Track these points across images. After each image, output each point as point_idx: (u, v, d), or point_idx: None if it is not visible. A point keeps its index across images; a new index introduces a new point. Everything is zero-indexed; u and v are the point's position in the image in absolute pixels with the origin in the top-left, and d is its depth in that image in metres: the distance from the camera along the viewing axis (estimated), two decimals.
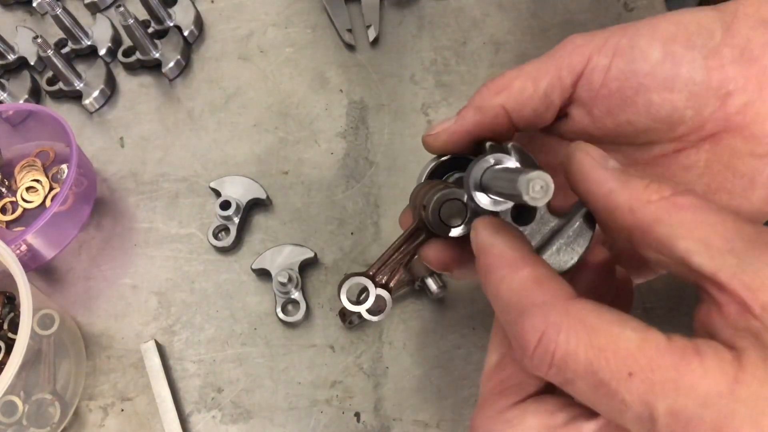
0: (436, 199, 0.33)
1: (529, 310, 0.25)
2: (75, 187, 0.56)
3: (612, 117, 0.34)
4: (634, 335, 0.24)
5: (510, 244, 0.28)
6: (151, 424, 0.50)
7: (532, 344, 0.25)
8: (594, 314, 0.24)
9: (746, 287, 0.24)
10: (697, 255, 0.25)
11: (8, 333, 0.52)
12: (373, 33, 0.64)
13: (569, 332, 0.24)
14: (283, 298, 0.52)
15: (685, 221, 0.25)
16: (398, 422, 0.48)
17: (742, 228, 0.25)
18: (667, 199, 0.26)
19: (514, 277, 0.27)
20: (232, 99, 0.63)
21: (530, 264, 0.27)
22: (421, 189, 0.37)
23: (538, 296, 0.26)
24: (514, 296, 0.27)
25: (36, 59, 0.67)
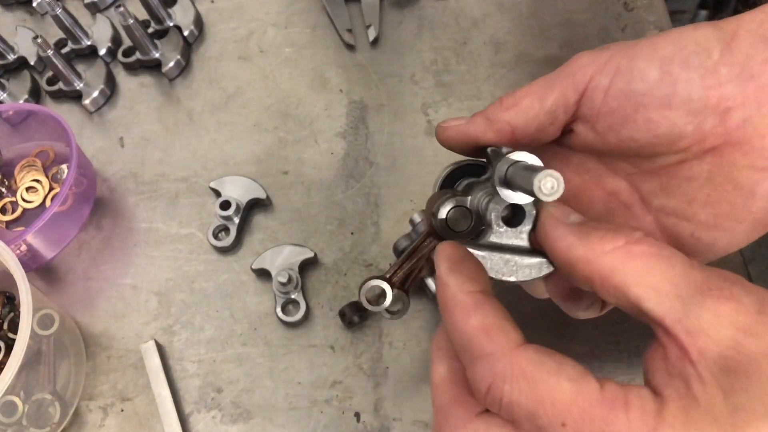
0: (441, 207, 0.35)
1: (479, 359, 0.28)
2: (75, 187, 0.56)
3: (614, 133, 0.35)
4: (569, 386, 0.26)
5: (463, 286, 0.30)
6: (151, 424, 0.50)
7: (483, 390, 0.28)
8: (535, 365, 0.27)
9: (687, 332, 0.26)
10: (646, 301, 0.27)
11: (8, 333, 0.52)
12: (373, 33, 0.64)
13: (512, 383, 0.27)
14: (283, 298, 0.52)
15: (637, 269, 0.28)
16: (398, 422, 0.48)
17: (691, 273, 0.27)
18: (621, 248, 0.28)
19: (465, 322, 0.29)
20: (232, 99, 0.63)
21: (480, 310, 0.29)
22: (433, 197, 0.39)
23: (486, 346, 0.28)
24: (465, 341, 0.29)
25: (36, 59, 0.67)
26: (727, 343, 0.26)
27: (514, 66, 0.61)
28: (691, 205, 0.36)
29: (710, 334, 0.26)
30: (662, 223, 0.37)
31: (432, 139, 0.59)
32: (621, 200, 0.39)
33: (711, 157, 0.35)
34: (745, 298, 0.26)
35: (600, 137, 0.36)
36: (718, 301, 0.26)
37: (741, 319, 0.26)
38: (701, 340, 0.26)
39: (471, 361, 0.29)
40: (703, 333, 0.26)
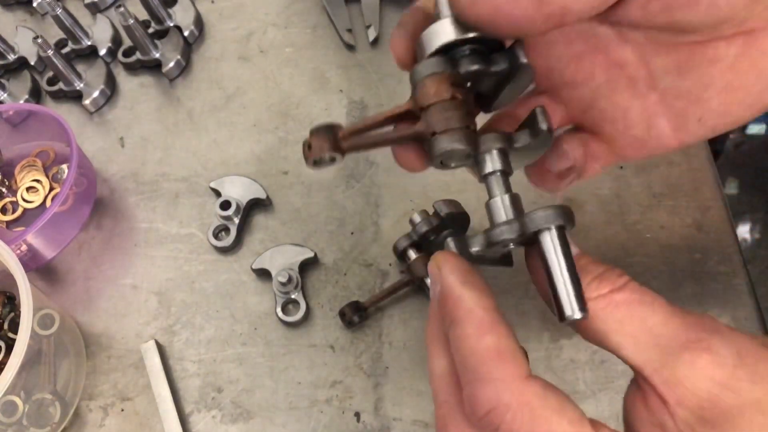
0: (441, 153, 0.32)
1: (486, 382, 0.28)
2: (75, 187, 0.56)
3: (667, 14, 0.31)
4: (568, 428, 0.27)
5: (479, 302, 0.30)
6: (151, 424, 0.50)
7: (482, 412, 0.28)
8: (540, 400, 0.27)
9: (665, 382, 0.27)
10: (625, 349, 0.28)
11: (8, 333, 0.52)
12: (373, 33, 0.64)
13: (515, 415, 0.27)
14: (283, 298, 0.52)
15: (617, 317, 0.28)
16: (398, 422, 0.48)
17: (671, 323, 0.28)
18: (605, 296, 0.29)
19: (478, 340, 0.29)
20: (232, 99, 0.63)
21: (495, 331, 0.29)
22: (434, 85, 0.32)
23: (496, 371, 0.28)
24: (475, 359, 0.28)
25: (36, 59, 0.67)
26: (704, 395, 0.26)
27: None
28: (707, 90, 0.33)
29: (687, 386, 0.27)
30: (668, 104, 0.35)
31: None
32: (626, 73, 0.35)
33: (742, 40, 0.32)
34: (723, 350, 0.27)
35: (647, 15, 0.32)
36: (696, 353, 0.27)
37: (718, 372, 0.27)
38: (679, 391, 0.27)
39: (475, 381, 0.28)
40: (681, 385, 0.27)
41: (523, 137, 0.33)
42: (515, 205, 0.32)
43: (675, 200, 0.54)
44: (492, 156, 0.32)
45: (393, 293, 0.51)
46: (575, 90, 0.37)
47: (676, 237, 0.52)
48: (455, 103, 0.31)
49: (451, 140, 0.31)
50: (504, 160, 0.32)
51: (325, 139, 0.33)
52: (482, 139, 0.32)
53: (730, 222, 0.53)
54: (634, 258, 0.52)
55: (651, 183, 0.54)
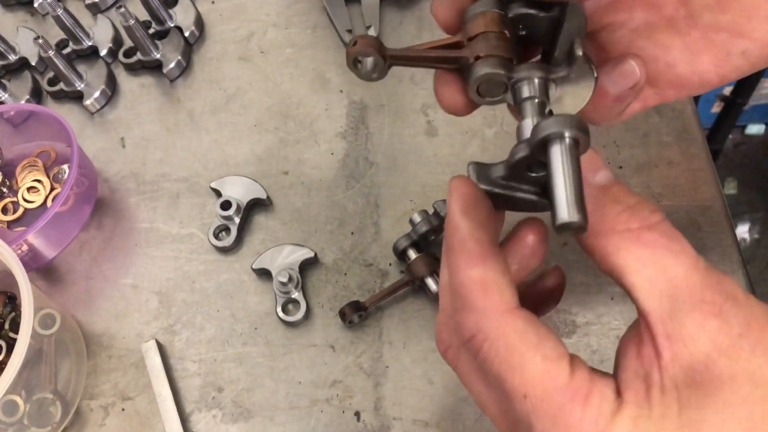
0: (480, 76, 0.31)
1: (470, 311, 0.29)
2: (76, 188, 0.56)
3: None
4: (541, 364, 0.27)
5: (473, 233, 0.30)
6: (152, 424, 0.50)
7: (465, 337, 0.29)
8: (518, 334, 0.28)
9: (666, 335, 0.26)
10: (638, 291, 0.27)
11: (9, 333, 0.52)
12: (373, 33, 0.64)
13: (491, 345, 0.28)
14: (283, 298, 0.52)
15: (640, 257, 0.28)
16: (398, 421, 0.48)
17: (691, 277, 0.27)
18: (633, 231, 0.28)
19: (466, 270, 0.29)
20: (232, 99, 0.63)
21: (483, 264, 0.29)
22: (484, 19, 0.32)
23: (479, 301, 0.29)
24: (463, 289, 0.29)
25: (37, 60, 0.67)
26: (700, 357, 0.26)
27: None
28: (750, 21, 0.33)
29: (687, 344, 0.26)
30: (711, 39, 0.34)
31: (432, 139, 0.59)
32: (665, 14, 0.35)
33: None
34: (733, 318, 0.26)
35: None
36: (705, 315, 0.26)
37: (721, 338, 0.26)
38: (677, 347, 0.26)
39: (462, 309, 0.29)
40: (681, 341, 0.26)
41: (561, 68, 0.32)
42: None
43: (674, 200, 0.54)
44: (531, 83, 0.32)
45: (393, 293, 0.51)
46: (614, 33, 0.36)
47: None
48: (503, 35, 0.32)
49: (492, 65, 0.31)
50: (542, 89, 0.32)
51: (372, 40, 0.32)
52: (520, 67, 0.32)
53: (729, 221, 0.53)
54: None
55: (650, 183, 0.54)
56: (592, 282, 0.51)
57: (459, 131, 0.59)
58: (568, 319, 0.50)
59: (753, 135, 1.72)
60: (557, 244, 0.53)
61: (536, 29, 0.33)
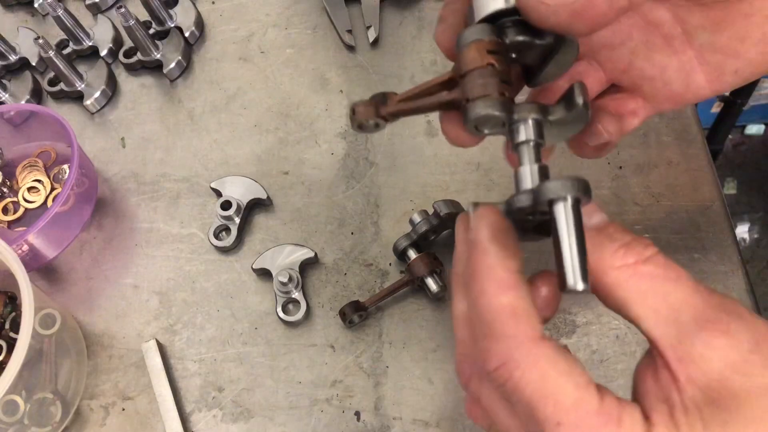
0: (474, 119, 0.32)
1: (499, 338, 0.28)
2: (76, 188, 0.56)
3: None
4: (574, 392, 0.27)
5: (502, 260, 0.30)
6: (152, 423, 0.50)
7: (492, 366, 0.28)
8: (549, 362, 0.28)
9: (679, 358, 0.27)
10: (645, 321, 0.28)
11: (10, 332, 0.52)
12: (373, 34, 0.64)
13: (524, 373, 0.28)
14: (283, 298, 0.52)
15: (641, 289, 0.29)
16: (398, 421, 0.49)
17: (693, 300, 0.28)
18: (630, 266, 0.29)
19: (496, 297, 0.29)
20: (232, 99, 0.63)
21: (513, 290, 0.29)
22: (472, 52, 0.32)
23: (510, 328, 0.28)
24: (490, 315, 0.29)
25: (37, 60, 0.67)
26: (715, 375, 0.27)
27: None
28: (743, 43, 0.34)
29: (700, 365, 0.27)
30: (705, 59, 0.36)
31: (432, 139, 0.59)
32: (662, 32, 0.37)
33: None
34: (741, 334, 0.27)
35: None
36: (713, 334, 0.27)
37: (732, 355, 0.27)
38: (691, 369, 0.27)
39: (489, 336, 0.29)
40: (694, 363, 0.27)
41: (559, 110, 0.33)
42: (542, 175, 0.32)
43: (674, 200, 0.54)
44: (526, 125, 0.32)
45: (393, 293, 0.51)
46: (613, 51, 0.38)
47: (675, 237, 0.52)
48: (492, 70, 0.31)
49: (485, 106, 0.31)
50: (537, 131, 0.32)
51: (370, 105, 0.34)
52: (517, 108, 0.32)
53: (728, 222, 0.53)
54: None
55: (650, 183, 0.54)
56: None
57: None
58: (568, 319, 0.50)
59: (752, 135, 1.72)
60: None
61: (528, 55, 0.34)
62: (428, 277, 0.50)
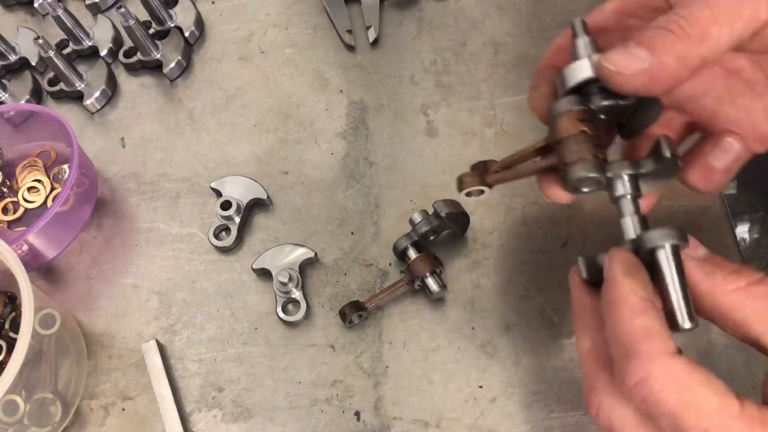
0: (574, 181, 0.35)
1: (636, 356, 0.30)
2: (76, 188, 0.56)
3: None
4: (715, 399, 0.29)
5: (635, 289, 0.32)
6: (152, 423, 0.50)
7: (631, 383, 0.30)
8: (686, 373, 0.29)
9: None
10: (766, 337, 0.30)
11: (10, 332, 0.52)
12: (373, 34, 0.64)
13: (663, 385, 0.29)
14: (283, 298, 0.52)
15: (757, 308, 0.31)
16: (398, 421, 0.49)
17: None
18: (743, 289, 0.31)
19: (631, 320, 0.31)
20: (232, 99, 0.63)
21: (645, 313, 0.31)
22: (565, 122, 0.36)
23: (644, 346, 0.30)
24: (626, 337, 0.31)
25: (37, 60, 0.67)
26: None
27: (513, 67, 0.62)
28: None
29: None
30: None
31: (432, 139, 0.59)
32: (743, 78, 0.38)
33: None
34: None
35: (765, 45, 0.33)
36: None
37: None
38: None
39: (625, 356, 0.30)
40: None
41: (650, 164, 0.35)
42: (643, 224, 0.35)
43: (674, 200, 0.54)
44: (623, 181, 0.36)
45: (393, 293, 0.51)
46: (698, 101, 0.39)
47: None
48: (585, 136, 0.35)
49: (581, 169, 0.35)
50: (633, 185, 0.36)
51: (475, 176, 0.39)
52: (611, 166, 0.35)
53: (729, 222, 0.53)
54: None
55: None
56: None
57: (459, 131, 0.59)
58: None
59: None
60: (557, 244, 0.53)
61: (616, 114, 0.36)
62: (428, 277, 0.50)
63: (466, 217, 0.52)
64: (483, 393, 0.49)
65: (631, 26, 0.39)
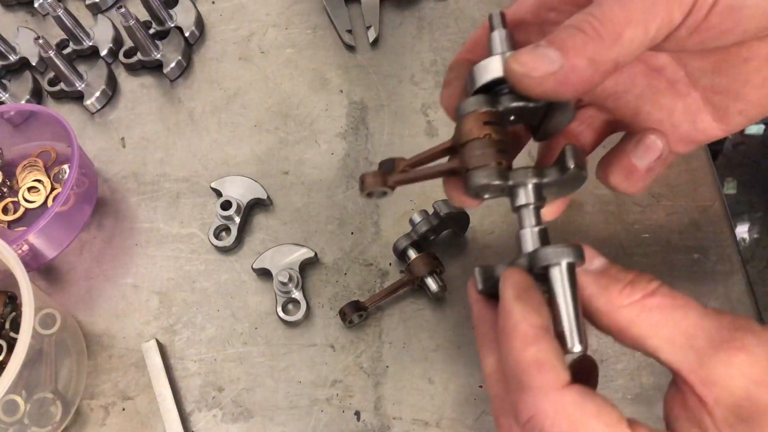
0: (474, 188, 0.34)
1: (527, 390, 0.29)
2: (76, 187, 0.56)
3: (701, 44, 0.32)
4: (606, 430, 0.28)
5: (527, 316, 0.31)
6: (152, 423, 0.50)
7: (524, 419, 0.29)
8: (577, 407, 0.29)
9: (702, 383, 0.28)
10: (663, 352, 0.29)
11: (10, 332, 0.52)
12: (373, 34, 0.64)
13: (554, 421, 0.29)
14: (283, 298, 0.52)
15: (653, 322, 0.30)
16: (398, 421, 0.49)
17: (704, 323, 0.29)
18: (638, 302, 0.30)
19: (521, 352, 0.30)
20: (232, 99, 0.63)
21: (537, 345, 0.30)
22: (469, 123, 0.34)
23: (535, 380, 0.29)
24: (518, 368, 0.30)
25: (37, 60, 0.67)
26: (741, 393, 0.27)
27: None
28: (745, 86, 0.35)
29: (724, 385, 0.28)
30: (710, 100, 0.36)
31: (432, 139, 0.59)
32: (665, 77, 0.37)
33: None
34: (757, 349, 0.28)
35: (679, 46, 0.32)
36: (730, 353, 0.28)
37: (752, 370, 0.27)
38: (716, 390, 0.28)
39: (518, 389, 0.30)
40: (718, 384, 0.28)
41: (554, 173, 0.34)
42: (542, 237, 0.34)
43: (673, 200, 0.54)
44: (526, 189, 0.34)
45: (393, 293, 0.51)
46: (619, 99, 0.38)
47: (675, 237, 0.52)
48: (489, 141, 0.33)
49: (482, 176, 0.33)
50: (536, 194, 0.34)
51: (378, 175, 0.36)
52: (514, 173, 0.34)
53: (728, 221, 0.53)
54: (632, 258, 0.52)
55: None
56: None
57: None
58: None
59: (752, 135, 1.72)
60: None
61: (526, 116, 0.35)
62: (428, 277, 0.50)
63: (466, 217, 0.52)
64: (483, 393, 0.49)
65: (551, 20, 0.36)
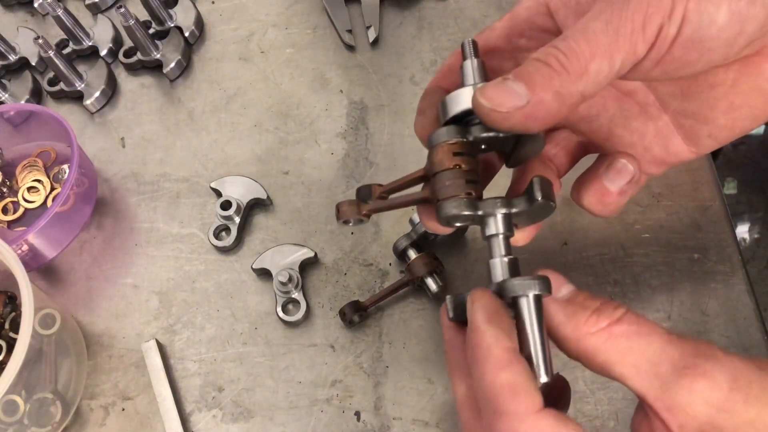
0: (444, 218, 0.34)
1: (502, 415, 0.30)
2: (76, 187, 0.56)
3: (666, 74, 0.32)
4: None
5: (498, 339, 0.31)
6: (152, 423, 0.50)
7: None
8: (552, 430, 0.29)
9: (666, 408, 0.29)
10: (629, 379, 0.30)
11: (10, 332, 0.52)
12: (373, 34, 0.64)
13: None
14: (283, 298, 0.52)
15: (619, 349, 0.30)
16: (398, 421, 0.49)
17: (668, 350, 0.30)
18: (604, 329, 0.31)
19: (496, 375, 0.30)
20: (232, 99, 0.63)
21: (511, 369, 0.30)
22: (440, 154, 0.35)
23: (510, 404, 0.29)
24: (492, 393, 0.30)
25: (37, 60, 0.67)
26: (703, 419, 0.28)
27: None
28: (713, 111, 0.36)
29: (687, 411, 0.29)
30: (680, 123, 0.37)
31: None
32: (636, 101, 0.38)
33: (738, 65, 0.34)
34: (719, 375, 0.29)
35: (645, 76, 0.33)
36: (693, 379, 0.29)
37: (714, 396, 0.28)
38: (680, 416, 0.29)
39: (493, 414, 0.30)
40: (681, 410, 0.29)
41: (522, 203, 0.34)
42: (512, 268, 0.34)
43: (674, 200, 0.54)
44: (495, 220, 0.34)
45: (393, 293, 0.51)
46: (592, 122, 0.39)
47: (675, 237, 0.52)
48: (459, 172, 0.34)
49: (452, 207, 0.34)
50: (505, 224, 0.35)
51: (353, 204, 0.38)
52: (484, 204, 0.34)
53: (729, 221, 0.53)
54: (633, 258, 0.52)
55: (650, 183, 0.54)
56: (592, 282, 0.51)
57: None
58: None
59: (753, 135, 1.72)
60: (557, 243, 0.53)
61: (497, 144, 0.35)
62: (428, 277, 0.50)
63: None
64: None
65: (522, 47, 0.38)
